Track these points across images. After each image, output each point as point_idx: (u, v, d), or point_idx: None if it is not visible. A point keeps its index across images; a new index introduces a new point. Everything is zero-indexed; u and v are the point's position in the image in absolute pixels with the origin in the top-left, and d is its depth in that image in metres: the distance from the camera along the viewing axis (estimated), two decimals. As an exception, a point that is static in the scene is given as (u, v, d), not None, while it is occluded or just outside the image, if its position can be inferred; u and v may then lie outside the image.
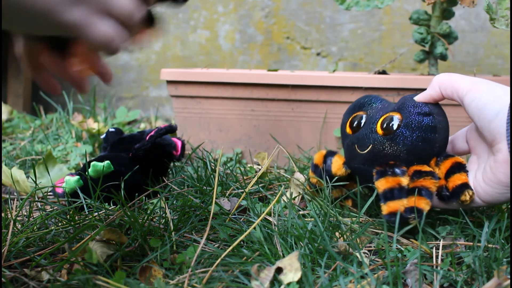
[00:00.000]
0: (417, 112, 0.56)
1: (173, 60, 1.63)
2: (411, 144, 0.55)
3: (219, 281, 0.46)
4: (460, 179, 0.54)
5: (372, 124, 0.59)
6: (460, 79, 0.54)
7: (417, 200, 0.53)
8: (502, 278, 0.42)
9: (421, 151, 0.56)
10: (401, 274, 0.46)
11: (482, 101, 0.51)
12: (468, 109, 0.53)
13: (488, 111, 0.50)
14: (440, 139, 0.56)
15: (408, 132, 0.56)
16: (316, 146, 0.96)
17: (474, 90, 0.52)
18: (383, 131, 0.57)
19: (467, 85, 0.53)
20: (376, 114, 0.60)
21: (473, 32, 1.39)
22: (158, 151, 0.73)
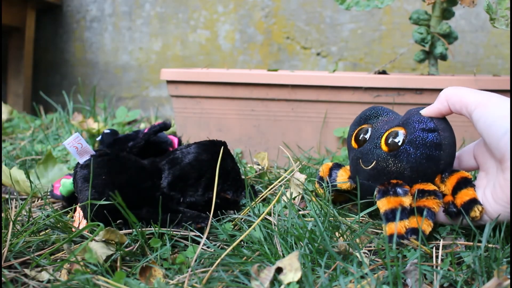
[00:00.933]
0: (421, 128, 0.54)
1: (173, 60, 1.63)
2: (415, 161, 0.54)
3: (219, 281, 0.46)
4: (468, 194, 0.52)
5: (376, 139, 0.58)
6: (469, 93, 0.53)
7: (415, 222, 0.52)
8: (502, 278, 0.42)
9: (426, 169, 0.54)
10: (401, 274, 0.46)
11: (490, 118, 0.49)
12: (476, 125, 0.51)
13: (497, 129, 0.49)
14: (445, 156, 0.55)
15: (412, 149, 0.54)
16: (316, 146, 0.96)
17: (482, 106, 0.50)
18: (387, 147, 0.56)
19: (475, 100, 0.51)
20: (381, 128, 0.59)
21: (473, 32, 1.39)
22: (153, 148, 0.73)
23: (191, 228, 0.57)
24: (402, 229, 0.51)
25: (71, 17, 1.72)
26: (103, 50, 1.70)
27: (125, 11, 1.66)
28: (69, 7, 1.72)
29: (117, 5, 1.66)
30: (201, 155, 0.65)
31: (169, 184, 0.63)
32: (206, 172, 0.64)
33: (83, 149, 0.61)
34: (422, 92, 0.92)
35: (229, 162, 0.67)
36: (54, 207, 0.71)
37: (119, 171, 0.61)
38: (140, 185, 0.62)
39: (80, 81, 1.69)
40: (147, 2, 1.64)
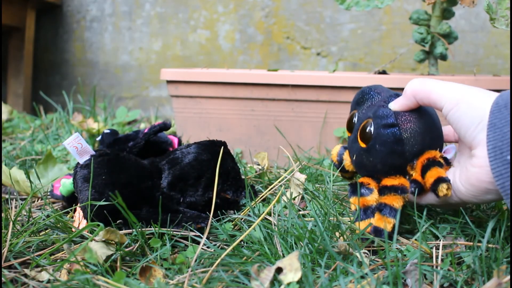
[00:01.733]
0: (382, 125, 0.55)
1: (173, 60, 1.63)
2: (382, 157, 0.56)
3: (219, 281, 0.46)
4: (432, 175, 0.54)
5: (356, 131, 0.60)
6: (436, 89, 0.53)
7: (378, 221, 0.54)
8: (502, 278, 0.42)
9: (392, 163, 0.56)
10: (401, 274, 0.46)
11: (458, 112, 0.51)
12: (446, 116, 0.53)
13: (464, 122, 0.50)
14: (410, 148, 0.55)
15: (378, 145, 0.55)
16: (316, 146, 0.96)
17: (450, 101, 0.52)
18: (362, 141, 0.58)
19: (443, 96, 0.52)
20: (362, 117, 0.60)
21: (473, 32, 1.39)
22: (153, 148, 0.73)
23: (191, 228, 0.57)
24: (367, 228, 0.53)
25: (71, 17, 1.72)
26: (103, 50, 1.70)
27: (125, 11, 1.66)
28: (69, 7, 1.72)
29: (117, 5, 1.66)
30: (201, 155, 0.65)
31: (169, 184, 0.63)
32: (206, 172, 0.64)
33: (83, 149, 0.61)
34: (422, 92, 0.92)
35: (229, 162, 0.67)
36: (54, 207, 0.71)
37: (119, 171, 0.61)
38: (140, 185, 0.62)
39: (80, 81, 1.69)
40: (147, 2, 1.64)
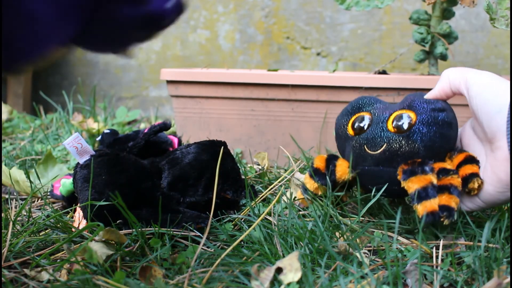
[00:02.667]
0: (431, 108, 0.56)
1: (173, 60, 1.63)
2: (429, 140, 0.55)
3: (219, 281, 0.46)
4: (471, 169, 0.54)
5: (381, 123, 0.58)
6: (468, 71, 0.54)
7: (448, 199, 0.52)
8: (502, 278, 0.42)
9: (439, 147, 0.56)
10: (401, 274, 0.46)
11: (484, 96, 0.51)
12: (471, 102, 0.53)
13: (490, 107, 0.50)
14: (454, 135, 0.57)
15: (425, 128, 0.55)
16: (316, 146, 0.96)
17: (478, 84, 0.52)
18: (396, 129, 0.57)
19: (473, 77, 0.53)
20: (383, 113, 0.60)
21: (473, 32, 1.39)
22: (153, 148, 0.73)
23: (191, 228, 0.57)
24: (435, 206, 0.51)
25: (71, 17, 1.72)
26: (103, 50, 1.69)
27: (125, 11, 1.66)
28: (69, 7, 1.72)
29: (117, 5, 1.66)
30: (201, 155, 0.65)
31: (169, 184, 0.63)
32: (206, 172, 0.64)
33: (83, 149, 0.61)
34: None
35: (229, 162, 0.67)
36: (54, 207, 0.71)
37: (119, 171, 0.61)
38: (140, 185, 0.62)
39: (80, 81, 1.69)
40: (147, 2, 1.63)
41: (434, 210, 0.51)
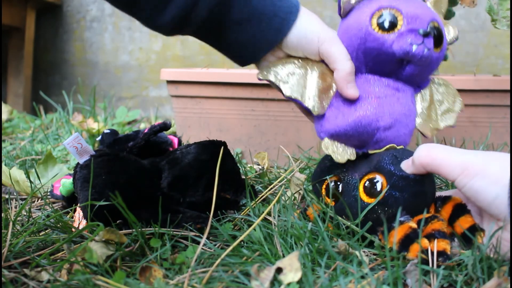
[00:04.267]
0: (399, 169, 0.52)
1: (173, 60, 1.63)
2: (404, 203, 0.52)
3: (219, 281, 0.46)
4: (468, 221, 0.51)
5: (353, 191, 0.55)
6: (446, 162, 0.49)
7: (440, 244, 0.48)
8: (502, 278, 0.42)
9: (417, 206, 0.52)
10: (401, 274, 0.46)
11: (476, 185, 0.47)
12: (461, 190, 0.49)
13: (485, 195, 0.47)
14: (430, 189, 0.53)
15: (397, 192, 0.52)
16: (316, 146, 0.96)
17: (465, 175, 0.47)
18: (369, 197, 0.53)
19: (456, 169, 0.48)
20: (351, 178, 0.56)
21: (473, 32, 1.39)
22: (153, 148, 0.73)
23: (191, 228, 0.57)
24: (425, 244, 0.48)
25: (71, 17, 1.72)
26: (103, 50, 1.70)
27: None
28: (69, 7, 1.72)
29: (117, 5, 1.66)
30: (201, 155, 0.65)
31: (169, 184, 0.63)
32: (206, 172, 0.64)
33: (83, 149, 0.61)
34: (422, 92, 0.92)
35: (229, 162, 0.67)
36: (54, 207, 0.71)
37: (119, 171, 0.61)
38: (140, 185, 0.62)
39: (80, 81, 1.69)
40: (147, 2, 1.64)
41: (424, 248, 0.48)
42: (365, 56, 0.56)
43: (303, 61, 0.58)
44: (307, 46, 0.57)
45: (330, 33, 0.57)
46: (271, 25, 0.57)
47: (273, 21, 0.57)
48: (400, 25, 0.54)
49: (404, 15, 0.54)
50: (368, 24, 0.55)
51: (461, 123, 0.92)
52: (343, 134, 0.56)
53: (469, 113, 0.91)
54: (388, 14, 0.54)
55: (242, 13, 0.56)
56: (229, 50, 0.61)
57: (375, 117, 0.55)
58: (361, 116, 0.55)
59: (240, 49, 0.60)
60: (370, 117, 0.55)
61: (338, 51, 0.56)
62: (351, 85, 0.56)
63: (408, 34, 0.53)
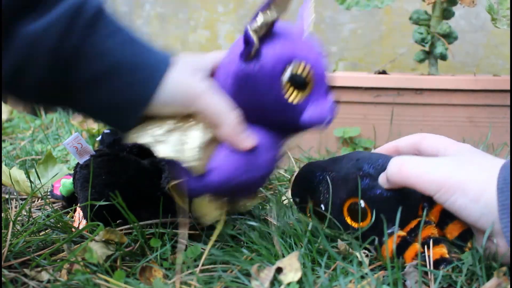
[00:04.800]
0: (378, 189, 0.49)
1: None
2: (389, 219, 0.48)
3: (218, 281, 0.46)
4: (457, 228, 0.49)
5: (340, 216, 0.52)
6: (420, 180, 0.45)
7: (436, 250, 0.46)
8: (502, 278, 0.42)
9: (406, 219, 0.49)
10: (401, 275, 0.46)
11: (456, 203, 0.44)
12: (443, 206, 0.46)
13: (468, 214, 0.44)
14: (414, 200, 0.50)
15: (383, 214, 0.49)
16: (316, 146, 0.96)
17: (443, 191, 0.44)
18: (357, 223, 0.51)
19: (431, 186, 0.45)
20: (334, 202, 0.52)
21: (473, 32, 1.39)
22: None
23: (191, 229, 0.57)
24: (417, 248, 0.46)
25: (71, 17, 1.72)
26: (103, 50, 1.70)
27: (125, 11, 1.66)
28: (69, 7, 1.72)
29: (117, 5, 1.66)
30: None
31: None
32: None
33: (83, 149, 0.61)
34: (422, 92, 0.92)
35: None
36: (54, 207, 0.71)
37: (119, 171, 0.61)
38: (140, 185, 0.61)
39: (80, 81, 1.69)
40: (147, 2, 1.64)
41: (416, 252, 0.46)
42: None
43: (177, 120, 0.48)
44: (182, 102, 0.46)
45: (204, 85, 0.47)
46: (137, 79, 0.44)
47: (140, 74, 0.44)
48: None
49: None
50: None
51: (461, 123, 0.92)
52: (233, 185, 0.48)
53: (469, 113, 0.91)
54: None
55: (97, 69, 0.43)
56: (94, 116, 0.48)
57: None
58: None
59: (106, 115, 0.47)
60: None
61: (218, 105, 0.47)
62: (243, 135, 0.47)
63: None
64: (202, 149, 0.47)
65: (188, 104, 0.46)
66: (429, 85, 0.91)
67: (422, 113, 0.92)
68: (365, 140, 0.94)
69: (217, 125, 0.47)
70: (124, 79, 0.44)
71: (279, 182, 0.77)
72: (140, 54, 0.45)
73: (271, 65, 0.45)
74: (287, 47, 0.46)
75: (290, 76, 0.46)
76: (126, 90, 0.44)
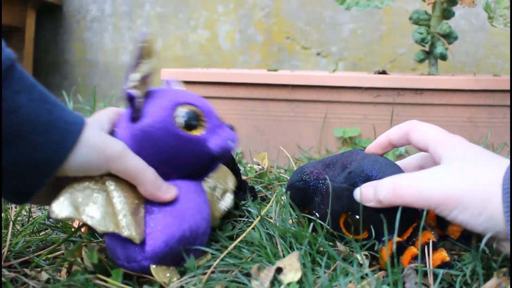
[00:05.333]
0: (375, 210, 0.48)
1: (173, 60, 1.63)
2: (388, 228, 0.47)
3: (218, 281, 0.46)
4: (458, 228, 0.49)
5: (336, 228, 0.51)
6: (417, 199, 0.44)
7: (436, 256, 0.45)
8: (501, 278, 0.42)
9: (404, 228, 0.49)
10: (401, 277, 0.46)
11: (458, 218, 0.42)
12: (446, 218, 0.44)
13: (472, 227, 0.42)
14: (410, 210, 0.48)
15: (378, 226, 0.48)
16: (316, 146, 0.96)
17: (441, 208, 0.43)
18: (352, 235, 0.50)
19: (430, 204, 0.43)
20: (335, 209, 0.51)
21: (473, 32, 1.39)
22: None
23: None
24: (414, 251, 0.46)
25: (71, 17, 1.72)
26: (103, 50, 1.70)
27: (125, 11, 1.66)
28: (69, 7, 1.72)
29: (117, 5, 1.66)
30: None
31: (168, 184, 0.63)
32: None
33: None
34: (422, 92, 0.92)
35: (229, 162, 0.67)
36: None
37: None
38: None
39: (80, 81, 1.69)
40: (147, 2, 1.64)
41: (413, 254, 0.46)
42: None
43: (97, 182, 0.45)
44: (99, 163, 0.44)
45: (120, 146, 0.45)
46: (49, 138, 0.40)
47: (56, 132, 0.41)
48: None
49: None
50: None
51: (461, 123, 0.92)
52: (177, 240, 0.46)
53: (469, 113, 0.91)
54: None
55: (11, 124, 0.39)
56: (7, 176, 0.41)
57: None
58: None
59: (11, 179, 0.41)
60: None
61: (135, 165, 0.45)
62: (163, 189, 0.46)
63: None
64: (132, 217, 0.45)
65: (106, 165, 0.44)
66: (429, 85, 0.91)
67: (422, 113, 0.92)
68: (365, 140, 0.94)
69: (137, 184, 0.46)
70: (39, 137, 0.40)
71: (279, 182, 0.77)
72: (55, 112, 0.41)
73: (160, 115, 0.47)
74: (168, 97, 0.48)
75: (181, 118, 0.48)
76: (41, 147, 0.40)
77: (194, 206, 0.48)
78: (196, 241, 0.48)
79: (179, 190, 0.48)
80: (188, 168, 0.49)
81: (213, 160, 0.49)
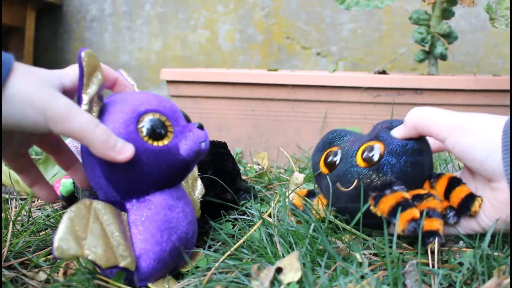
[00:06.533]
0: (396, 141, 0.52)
1: (173, 60, 1.63)
2: (400, 171, 0.51)
3: (219, 281, 0.46)
4: (464, 191, 0.50)
5: (351, 158, 0.55)
6: (436, 121, 0.49)
7: (429, 223, 0.48)
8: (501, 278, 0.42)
9: (412, 176, 0.52)
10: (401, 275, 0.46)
11: (466, 144, 0.47)
12: (452, 151, 0.48)
13: (477, 154, 0.46)
14: (427, 160, 0.53)
15: (394, 159, 0.52)
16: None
17: (455, 133, 0.47)
18: (366, 163, 0.53)
19: (445, 127, 0.48)
20: (351, 146, 0.56)
21: (473, 32, 1.39)
22: None
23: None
24: (415, 213, 0.48)
25: (71, 17, 1.72)
26: (103, 50, 1.70)
27: (125, 11, 1.66)
28: (69, 7, 1.72)
29: (117, 5, 1.66)
30: None
31: (168, 184, 0.63)
32: (206, 173, 0.64)
33: (83, 149, 0.61)
34: (422, 92, 0.92)
35: (229, 163, 0.67)
36: (54, 207, 0.71)
37: (119, 171, 0.61)
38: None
39: (80, 81, 1.69)
40: (147, 2, 1.64)
41: (414, 217, 0.47)
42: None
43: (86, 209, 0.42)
44: (35, 122, 0.39)
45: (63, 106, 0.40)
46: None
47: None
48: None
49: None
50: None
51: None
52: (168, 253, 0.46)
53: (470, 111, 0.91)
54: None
55: None
56: None
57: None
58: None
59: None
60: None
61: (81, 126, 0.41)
62: (117, 149, 0.42)
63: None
64: (126, 244, 0.43)
65: (47, 126, 0.40)
66: (429, 85, 0.91)
67: (422, 113, 0.92)
68: (365, 140, 0.94)
69: (87, 146, 0.42)
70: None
71: (279, 182, 0.77)
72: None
73: (124, 133, 0.43)
74: (126, 108, 0.44)
75: (147, 130, 0.44)
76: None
77: (179, 214, 0.47)
78: (187, 246, 0.48)
79: (161, 202, 0.46)
80: (165, 179, 0.46)
81: (188, 164, 0.47)
